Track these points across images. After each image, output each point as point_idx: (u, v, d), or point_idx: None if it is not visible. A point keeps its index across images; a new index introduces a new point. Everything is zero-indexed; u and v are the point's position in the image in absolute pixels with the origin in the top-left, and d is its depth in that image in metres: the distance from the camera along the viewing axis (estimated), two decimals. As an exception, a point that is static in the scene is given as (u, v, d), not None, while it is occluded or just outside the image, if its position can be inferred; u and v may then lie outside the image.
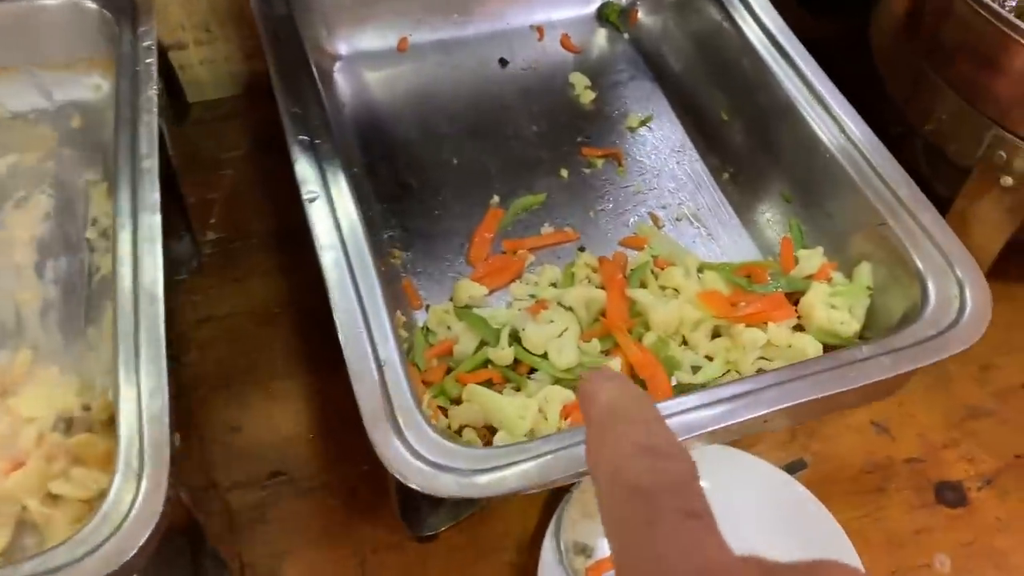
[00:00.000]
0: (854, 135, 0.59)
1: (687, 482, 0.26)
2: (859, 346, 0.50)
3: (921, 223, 0.55)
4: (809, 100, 0.62)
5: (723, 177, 0.70)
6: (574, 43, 0.78)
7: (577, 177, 0.70)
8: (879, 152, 0.59)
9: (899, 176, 0.57)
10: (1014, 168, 0.63)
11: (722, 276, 0.60)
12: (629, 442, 0.27)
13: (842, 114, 0.61)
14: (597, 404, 0.28)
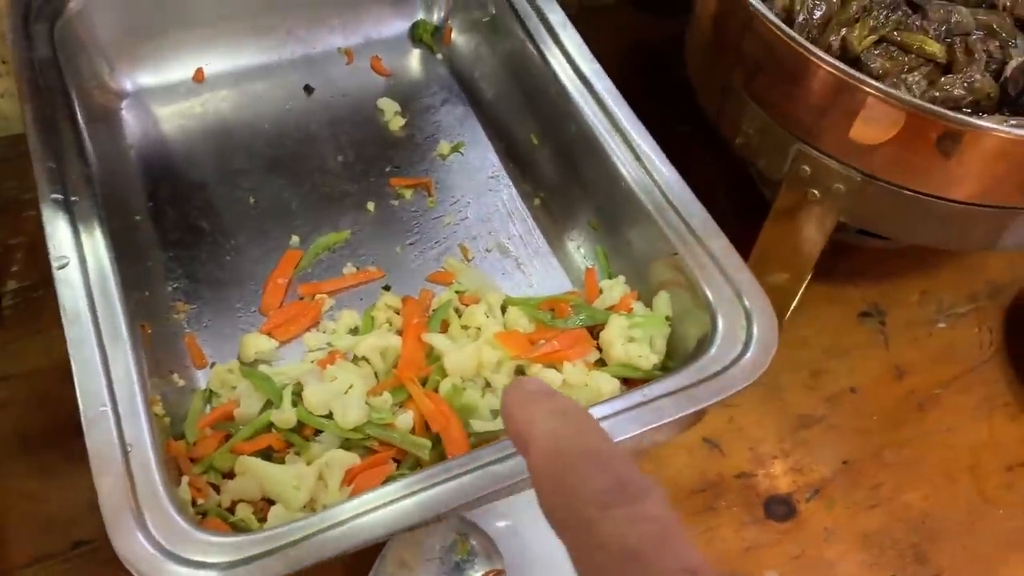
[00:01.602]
0: (652, 166, 0.58)
1: (673, 529, 0.24)
2: (640, 388, 0.48)
3: (712, 253, 0.54)
4: (610, 131, 0.60)
5: (535, 204, 0.68)
6: (385, 66, 0.75)
7: (385, 210, 0.67)
8: (677, 184, 0.58)
9: (694, 207, 0.56)
10: (819, 182, 0.63)
11: (525, 312, 0.58)
12: (592, 488, 0.24)
13: (643, 146, 0.59)
14: (537, 442, 0.25)
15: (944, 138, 0.56)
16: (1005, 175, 0.58)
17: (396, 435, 0.51)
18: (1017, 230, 0.66)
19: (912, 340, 0.79)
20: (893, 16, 0.72)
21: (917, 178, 0.60)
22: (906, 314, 0.81)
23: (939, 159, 0.58)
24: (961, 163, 0.58)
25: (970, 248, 0.76)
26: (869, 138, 0.59)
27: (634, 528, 0.23)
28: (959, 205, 0.61)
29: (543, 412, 0.26)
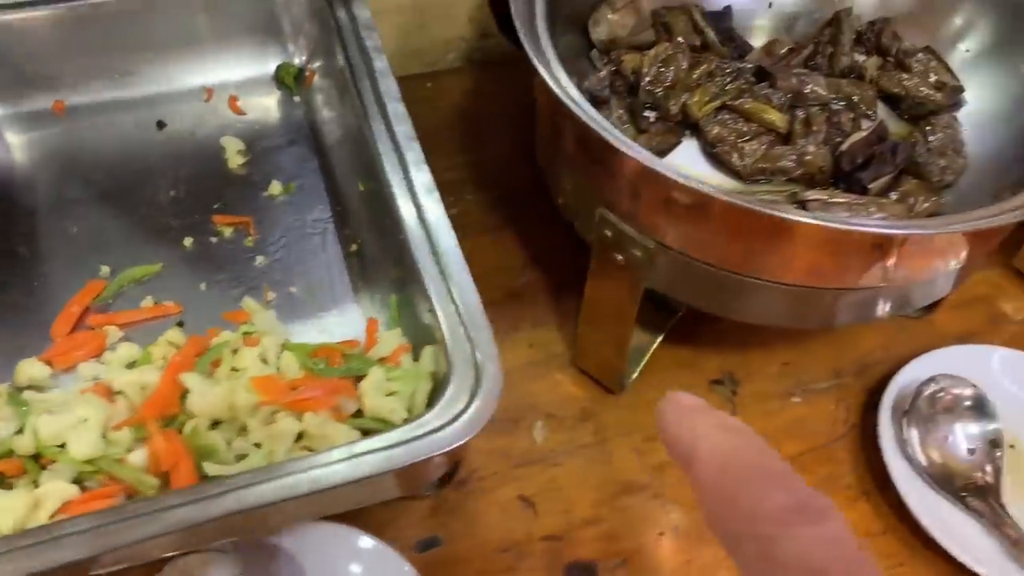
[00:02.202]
0: (428, 220, 0.59)
1: (858, 554, 0.23)
2: (348, 444, 0.48)
3: (462, 309, 0.54)
4: (402, 184, 0.61)
5: (351, 250, 0.68)
6: (241, 106, 0.77)
7: (202, 247, 0.68)
8: (447, 236, 0.58)
9: (457, 262, 0.56)
10: (621, 247, 0.62)
11: (298, 357, 0.59)
12: (768, 505, 0.23)
13: (425, 201, 0.60)
14: (703, 457, 0.24)
15: (717, 214, 0.55)
16: (788, 255, 0.56)
17: (125, 470, 0.52)
18: (846, 308, 0.64)
19: (762, 413, 0.77)
20: (734, 84, 0.71)
21: (704, 251, 0.58)
22: (761, 385, 0.78)
23: (720, 234, 0.57)
24: (741, 240, 0.57)
25: (800, 325, 0.74)
26: (651, 210, 0.58)
27: (819, 549, 0.23)
28: (757, 281, 0.60)
29: (707, 427, 0.25)
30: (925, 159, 0.69)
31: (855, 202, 0.63)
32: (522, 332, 0.81)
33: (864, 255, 0.56)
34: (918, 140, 0.70)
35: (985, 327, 0.84)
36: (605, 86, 0.71)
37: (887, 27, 0.77)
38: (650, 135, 0.69)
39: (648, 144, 0.68)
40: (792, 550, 0.23)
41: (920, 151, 0.69)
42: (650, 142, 0.68)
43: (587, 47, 0.76)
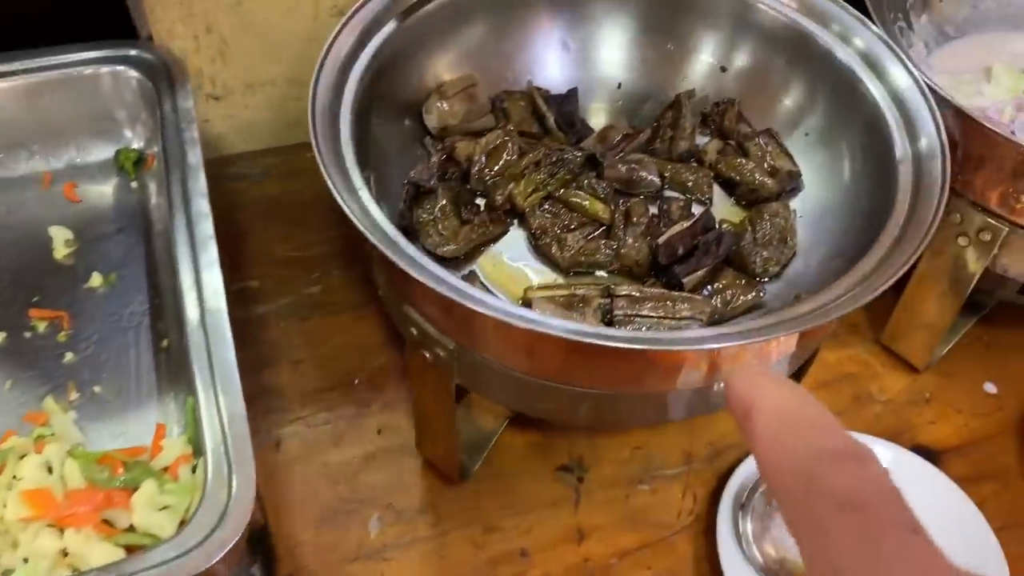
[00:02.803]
0: (209, 324, 0.58)
1: (896, 491, 0.25)
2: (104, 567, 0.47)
3: (227, 422, 0.53)
4: (192, 285, 0.60)
5: (162, 345, 0.67)
6: (78, 192, 0.76)
7: (14, 342, 0.67)
8: (224, 343, 0.57)
9: (229, 371, 0.55)
10: (427, 345, 0.61)
11: (82, 466, 0.57)
12: (816, 447, 0.25)
13: (211, 304, 0.59)
14: (763, 406, 0.27)
15: (495, 328, 0.54)
16: (585, 366, 0.55)
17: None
18: (676, 406, 0.62)
19: (606, 501, 0.75)
20: (559, 174, 0.70)
21: (505, 359, 0.57)
22: (609, 471, 0.77)
23: (512, 346, 0.56)
24: (533, 353, 0.55)
25: (629, 425, 0.73)
26: (446, 318, 0.57)
27: (861, 483, 0.24)
28: (568, 387, 0.58)
29: (769, 384, 0.27)
30: (749, 250, 0.68)
31: (663, 298, 0.62)
32: (371, 417, 0.80)
33: (663, 365, 0.55)
34: (746, 230, 0.69)
35: (849, 407, 0.83)
36: (432, 175, 0.70)
37: (730, 109, 0.76)
38: (473, 226, 0.68)
39: (469, 237, 0.67)
40: (839, 483, 0.24)
41: (746, 241, 0.68)
42: (472, 234, 0.67)
43: (424, 132, 0.75)
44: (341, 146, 0.61)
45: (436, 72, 0.75)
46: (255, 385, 0.83)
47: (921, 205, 0.60)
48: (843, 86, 0.70)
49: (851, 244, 0.65)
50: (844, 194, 0.69)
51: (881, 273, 0.55)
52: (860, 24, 0.71)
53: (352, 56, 0.68)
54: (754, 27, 0.75)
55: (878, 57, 0.69)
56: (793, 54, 0.73)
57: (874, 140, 0.66)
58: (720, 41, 0.78)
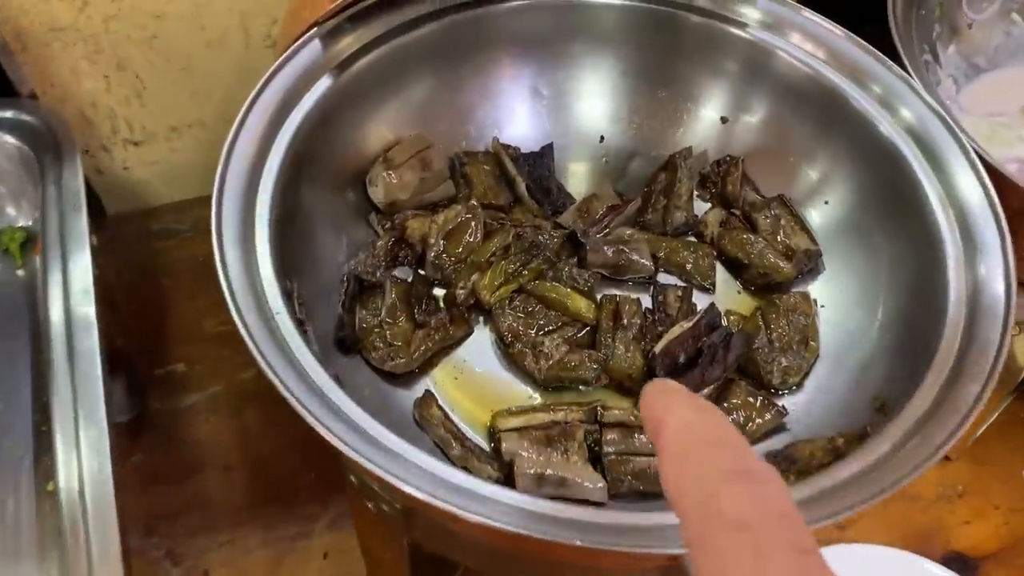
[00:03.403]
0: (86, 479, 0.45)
1: (791, 512, 0.25)
2: None
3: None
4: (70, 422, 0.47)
5: (47, 488, 0.54)
6: (-49, 282, 0.63)
7: None
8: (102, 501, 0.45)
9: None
10: (371, 496, 0.49)
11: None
12: (718, 467, 0.25)
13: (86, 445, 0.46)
14: (672, 425, 0.27)
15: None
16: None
17: None
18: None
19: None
20: (532, 262, 0.58)
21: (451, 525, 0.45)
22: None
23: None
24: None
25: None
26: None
27: (753, 503, 0.24)
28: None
29: (681, 403, 0.28)
30: (764, 356, 0.56)
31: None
32: (316, 537, 0.68)
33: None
34: (759, 328, 0.57)
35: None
36: (379, 265, 0.58)
37: (734, 170, 0.64)
38: (429, 331, 0.56)
39: (424, 344, 0.55)
40: (727, 502, 0.24)
41: (760, 344, 0.56)
42: (428, 341, 0.55)
43: (371, 207, 0.62)
44: (255, 245, 0.49)
45: (381, 133, 0.62)
46: (178, 498, 0.70)
47: (979, 324, 0.49)
48: (873, 150, 0.58)
49: (888, 350, 0.54)
50: (875, 282, 0.58)
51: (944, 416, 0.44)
52: (901, 83, 0.59)
53: (276, 121, 0.55)
54: (769, 77, 0.63)
55: (924, 127, 0.57)
56: (816, 111, 0.61)
57: (913, 223, 0.55)
58: (723, 90, 0.65)
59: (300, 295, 0.49)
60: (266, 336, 0.44)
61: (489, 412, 0.54)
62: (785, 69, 0.62)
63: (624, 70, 0.67)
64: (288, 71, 0.57)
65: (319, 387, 0.43)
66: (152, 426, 0.75)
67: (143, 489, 0.71)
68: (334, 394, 0.43)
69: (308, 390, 0.43)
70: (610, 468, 0.50)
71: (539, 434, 0.51)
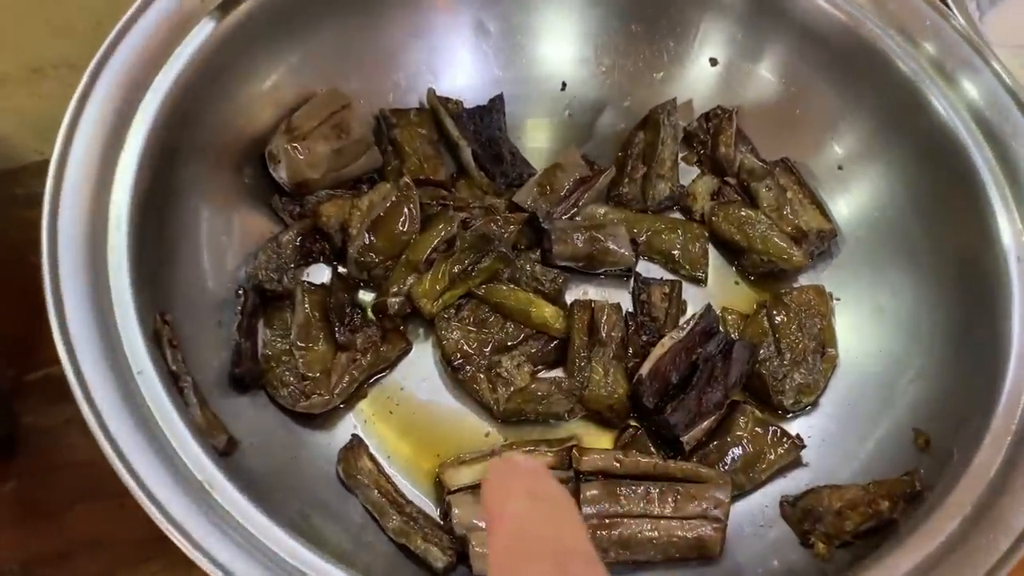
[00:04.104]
0: None
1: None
2: None
3: None
4: None
5: None
6: None
7: None
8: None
9: None
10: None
11: None
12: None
13: None
14: (503, 522, 0.26)
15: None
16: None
17: None
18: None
19: None
20: (484, 260, 0.46)
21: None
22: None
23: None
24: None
25: None
26: None
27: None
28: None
29: (519, 491, 0.26)
30: (773, 370, 0.45)
31: (655, 478, 0.39)
32: None
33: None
34: (764, 334, 0.46)
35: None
36: (285, 269, 0.45)
37: (726, 125, 0.52)
38: (355, 354, 0.43)
39: (348, 373, 0.43)
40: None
41: (767, 355, 0.46)
42: (353, 369, 0.43)
43: (275, 189, 0.49)
44: (108, 258, 0.36)
45: (282, 91, 0.48)
46: (61, 536, 0.58)
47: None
48: (910, 108, 0.47)
49: (932, 365, 0.43)
50: (910, 265, 0.47)
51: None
52: (965, 44, 0.46)
53: (143, 77, 0.42)
54: (785, 17, 0.49)
55: (992, 106, 0.45)
56: (846, 70, 0.49)
57: (959, 192, 0.44)
58: (721, 28, 0.52)
59: (173, 334, 0.37)
60: (122, 414, 0.32)
61: (435, 457, 0.43)
62: (810, 11, 0.49)
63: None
64: (161, 5, 0.42)
65: (198, 482, 0.31)
66: (26, 445, 0.62)
67: (18, 524, 0.59)
68: (220, 492, 0.32)
69: (183, 495, 0.31)
70: (590, 536, 0.39)
71: (499, 493, 0.40)
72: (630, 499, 0.40)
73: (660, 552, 0.39)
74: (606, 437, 0.45)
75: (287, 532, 0.32)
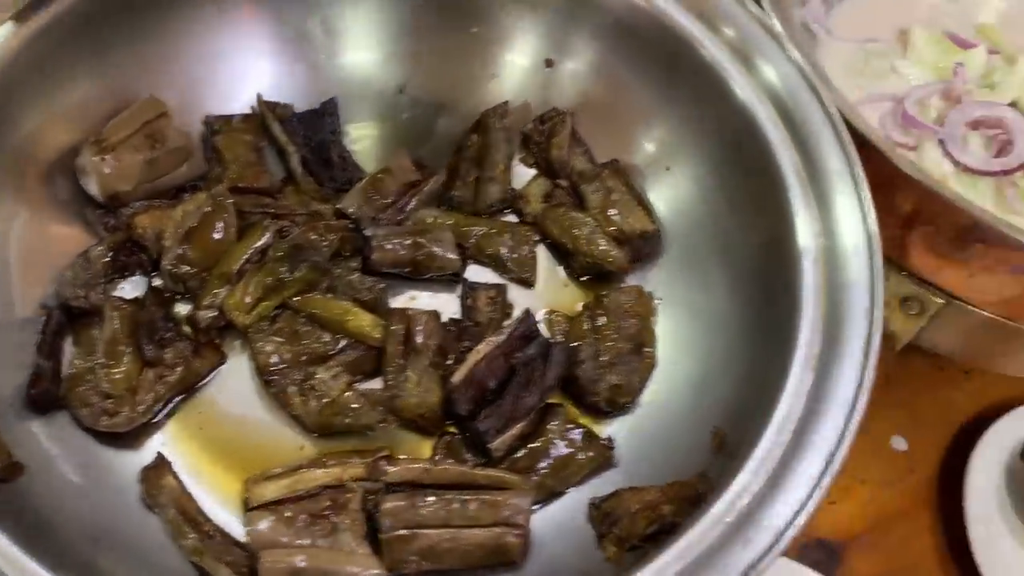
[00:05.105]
0: None
1: None
2: None
3: None
4: None
5: None
6: None
7: None
8: None
9: None
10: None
11: None
12: None
13: None
14: None
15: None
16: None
17: None
18: None
19: None
20: (299, 269, 0.45)
21: None
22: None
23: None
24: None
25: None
26: None
27: None
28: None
29: None
30: (590, 373, 0.46)
31: (460, 485, 0.40)
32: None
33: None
34: (585, 335, 0.47)
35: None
36: (95, 284, 0.44)
37: (560, 128, 0.52)
38: (163, 371, 0.43)
39: (155, 390, 0.42)
40: None
41: (584, 356, 0.46)
42: (160, 386, 0.42)
43: (88, 200, 0.48)
44: None
45: (92, 99, 0.47)
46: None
47: (840, 310, 0.39)
48: (724, 113, 0.47)
49: (733, 360, 0.44)
50: (722, 271, 0.48)
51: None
52: (759, 28, 0.46)
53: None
54: (595, 11, 0.50)
55: (786, 88, 0.45)
56: (656, 60, 0.49)
57: (768, 205, 0.44)
58: (541, 29, 0.52)
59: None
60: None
61: (245, 473, 0.42)
62: (617, 4, 0.49)
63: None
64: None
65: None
66: None
67: None
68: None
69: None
70: (389, 548, 0.39)
71: (301, 508, 0.40)
72: (432, 509, 0.40)
73: (461, 560, 0.40)
74: (427, 445, 0.45)
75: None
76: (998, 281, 0.46)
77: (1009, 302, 0.48)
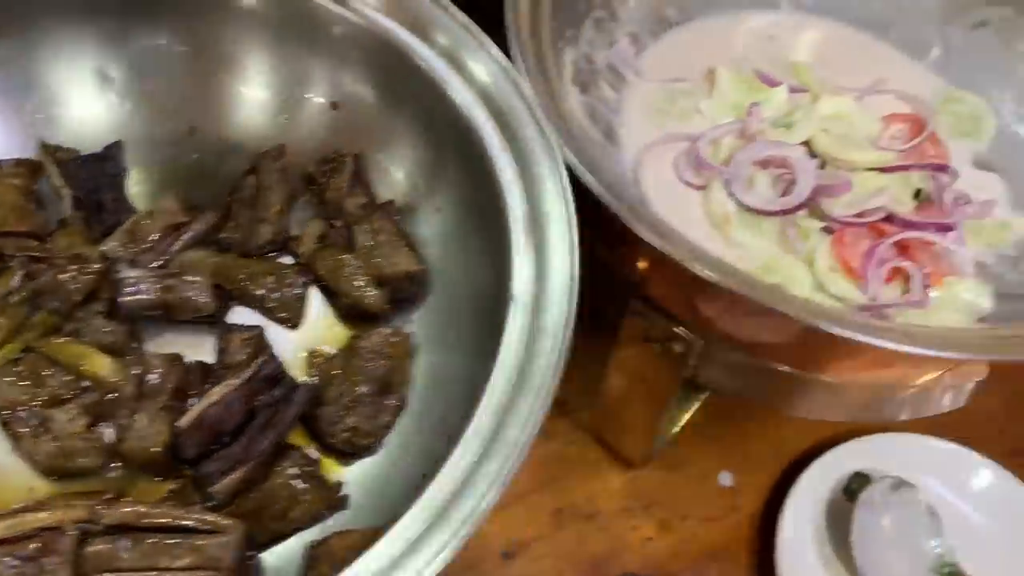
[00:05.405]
0: None
1: None
2: None
3: None
4: None
5: None
6: None
7: None
8: None
9: None
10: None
11: None
12: None
13: None
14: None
15: None
16: None
17: None
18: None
19: None
20: (41, 312, 0.46)
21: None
22: None
23: None
24: None
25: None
26: None
27: None
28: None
29: None
30: (331, 414, 0.46)
31: (160, 530, 0.40)
32: None
33: None
34: (335, 379, 0.47)
35: (546, 527, 0.64)
36: None
37: (340, 170, 0.53)
38: None
39: None
40: None
41: (330, 399, 0.46)
42: None
43: None
44: None
45: None
46: None
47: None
48: (448, 125, 0.48)
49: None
50: (470, 308, 0.48)
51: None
52: (464, 31, 0.48)
53: None
54: (358, 46, 0.51)
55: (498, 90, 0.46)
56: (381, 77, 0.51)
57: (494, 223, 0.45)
58: (322, 65, 0.54)
59: None
60: None
61: (-34, 517, 0.43)
62: (346, 33, 0.50)
63: (199, 45, 0.54)
64: None
65: None
66: None
67: None
68: None
69: None
70: (89, 594, 0.40)
71: (9, 551, 0.40)
72: (137, 553, 0.40)
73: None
74: (165, 487, 0.45)
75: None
76: (741, 324, 0.47)
77: (760, 345, 0.48)
